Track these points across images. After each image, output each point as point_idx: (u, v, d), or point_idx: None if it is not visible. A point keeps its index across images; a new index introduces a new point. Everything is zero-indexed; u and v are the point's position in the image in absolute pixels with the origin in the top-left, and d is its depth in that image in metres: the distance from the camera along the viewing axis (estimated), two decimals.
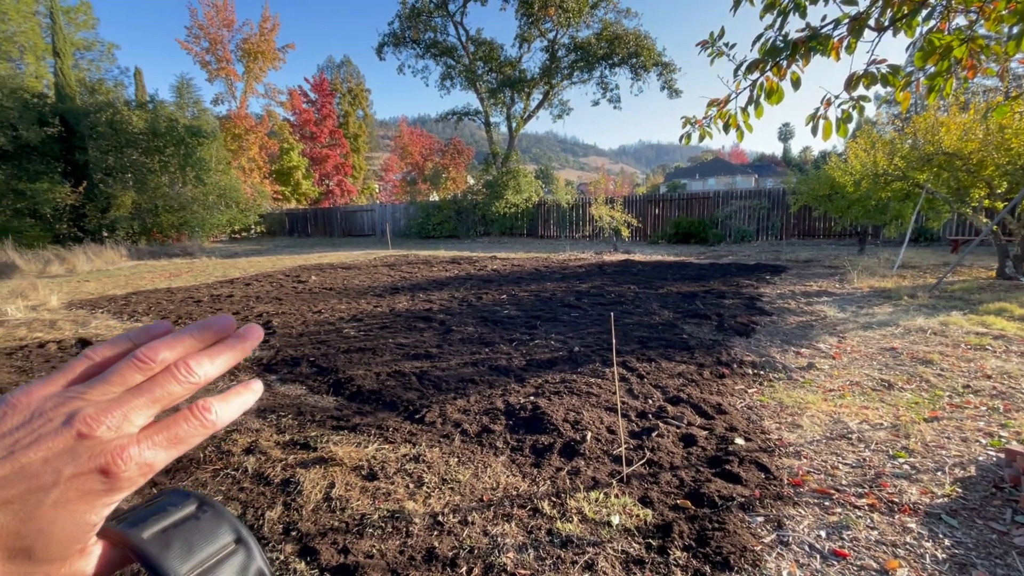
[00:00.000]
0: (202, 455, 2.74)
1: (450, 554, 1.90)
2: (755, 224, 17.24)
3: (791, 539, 1.96)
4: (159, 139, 17.80)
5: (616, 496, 2.25)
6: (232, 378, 4.02)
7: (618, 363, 4.01)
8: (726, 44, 2.58)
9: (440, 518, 2.13)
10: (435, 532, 2.04)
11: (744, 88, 2.57)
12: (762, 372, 3.85)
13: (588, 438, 2.75)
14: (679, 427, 2.91)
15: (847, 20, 2.18)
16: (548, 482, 2.39)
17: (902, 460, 2.51)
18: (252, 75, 34.12)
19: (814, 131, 2.46)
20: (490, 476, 2.46)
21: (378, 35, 27.29)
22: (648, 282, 8.28)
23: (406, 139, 45.85)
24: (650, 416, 3.07)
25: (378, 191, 47.05)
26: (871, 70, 2.20)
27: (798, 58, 2.31)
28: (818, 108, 2.44)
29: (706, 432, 2.85)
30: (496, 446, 2.75)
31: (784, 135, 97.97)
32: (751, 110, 2.59)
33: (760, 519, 2.08)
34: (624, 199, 19.35)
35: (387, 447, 2.77)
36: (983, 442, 2.67)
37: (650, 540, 1.97)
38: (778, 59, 2.34)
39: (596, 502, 2.21)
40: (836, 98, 2.36)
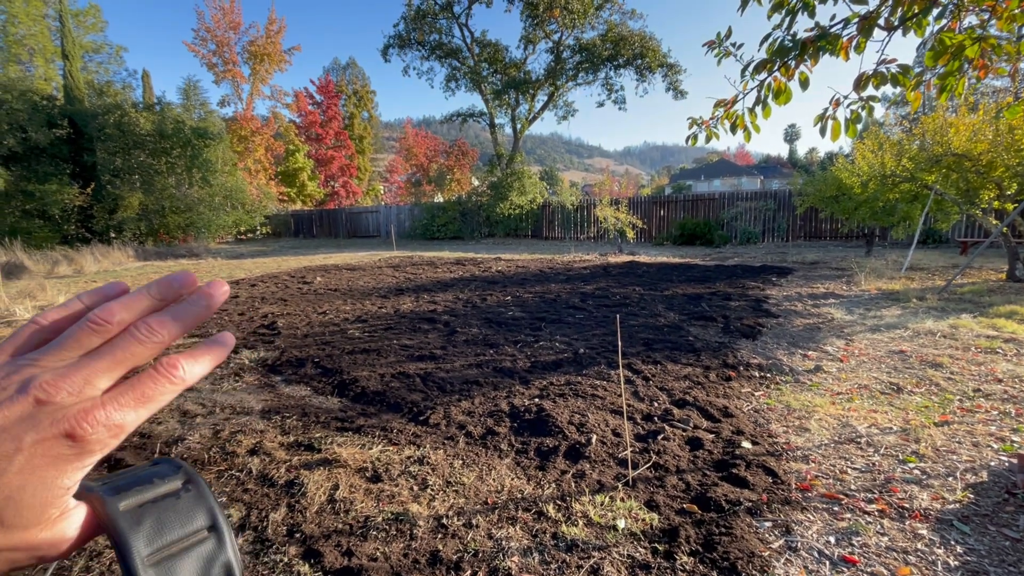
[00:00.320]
0: (206, 456, 2.74)
1: (454, 557, 1.89)
2: (761, 226, 17.16)
3: (800, 545, 1.93)
4: (166, 141, 17.94)
5: (622, 500, 2.23)
6: (237, 378, 4.03)
7: (623, 365, 3.98)
8: (733, 44, 2.56)
9: (444, 521, 2.11)
10: (439, 535, 2.03)
11: (751, 88, 2.55)
12: (769, 375, 3.82)
13: (593, 441, 2.73)
14: (685, 430, 2.88)
15: (857, 19, 2.16)
16: (553, 485, 2.37)
17: (912, 465, 2.48)
18: (258, 77, 34.31)
19: (822, 132, 2.43)
20: (495, 479, 2.44)
21: (383, 37, 27.41)
22: (653, 284, 8.24)
23: (411, 140, 45.97)
24: (656, 419, 3.04)
25: (383, 192, 47.17)
26: (881, 70, 2.18)
27: (807, 58, 2.29)
28: (827, 108, 2.41)
29: (712, 435, 2.82)
30: (501, 448, 2.74)
31: (790, 136, 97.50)
32: (759, 111, 2.56)
33: (768, 524, 2.06)
34: (629, 200, 19.31)
35: (391, 449, 2.76)
36: (995, 447, 2.63)
37: (656, 545, 1.94)
38: (786, 59, 2.32)
39: (601, 506, 2.19)
40: (845, 98, 2.34)
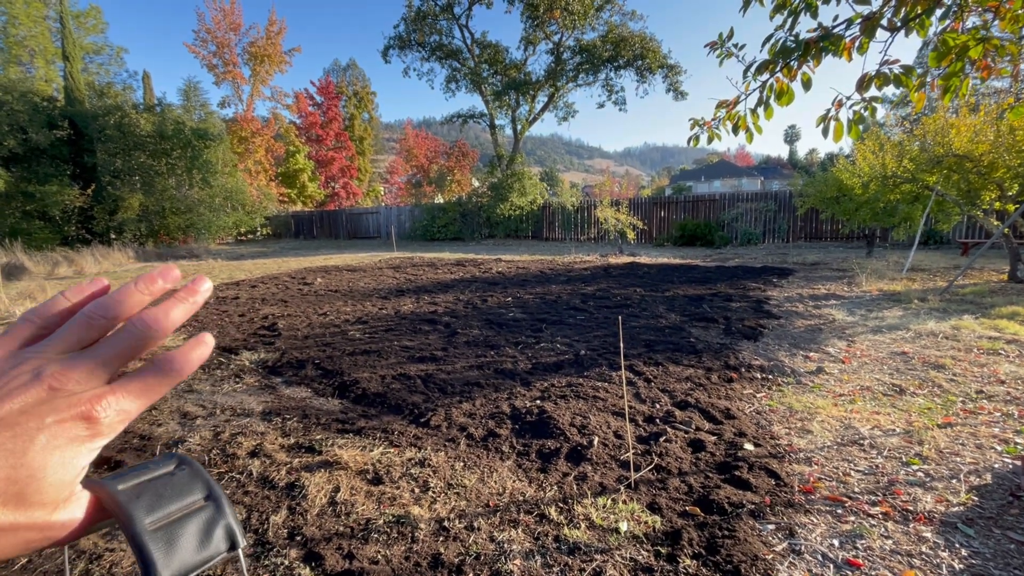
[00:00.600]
0: (207, 458, 2.73)
1: (456, 561, 1.88)
2: (761, 227, 17.15)
3: (803, 548, 1.92)
4: (166, 142, 17.95)
5: (624, 502, 2.22)
6: (238, 380, 4.02)
7: (625, 367, 3.97)
8: (735, 45, 2.56)
9: (446, 524, 2.10)
10: (441, 538, 2.02)
11: (754, 89, 2.54)
12: (771, 376, 3.81)
13: (595, 443, 2.72)
14: (687, 432, 2.87)
15: (859, 20, 2.15)
16: (555, 487, 2.36)
17: (916, 467, 2.47)
18: (258, 78, 34.34)
19: (825, 132, 2.43)
20: (496, 481, 2.43)
21: (384, 38, 27.38)
22: (654, 285, 8.23)
23: (411, 141, 46.00)
24: (658, 421, 3.03)
25: (383, 193, 47.18)
26: (884, 70, 2.17)
27: (809, 59, 2.28)
28: (829, 109, 2.40)
29: (715, 437, 2.81)
30: (502, 451, 2.73)
31: (790, 137, 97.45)
32: (761, 111, 2.56)
33: (771, 527, 2.04)
34: (629, 201, 19.29)
35: (392, 451, 2.75)
36: (998, 449, 2.62)
37: (659, 547, 1.93)
38: (789, 60, 2.31)
39: (604, 508, 2.18)
40: (848, 99, 2.33)
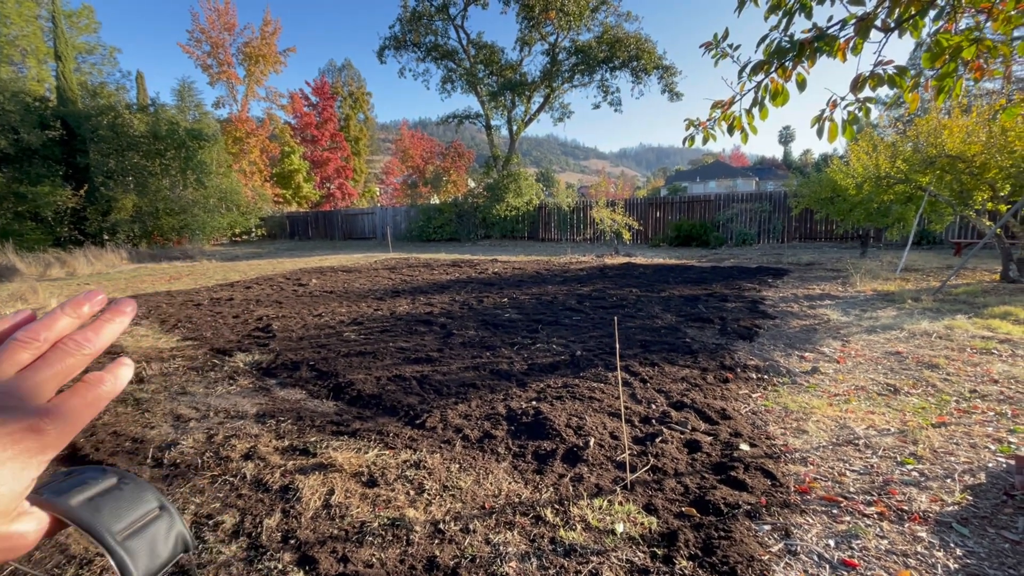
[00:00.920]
0: (200, 461, 2.70)
1: (451, 563, 1.86)
2: (756, 227, 17.22)
3: (799, 548, 1.92)
4: (160, 142, 17.83)
5: (620, 503, 2.21)
6: (231, 382, 3.99)
7: (621, 367, 3.97)
8: (730, 45, 2.55)
9: (441, 526, 2.09)
10: (436, 540, 2.00)
11: (748, 90, 2.54)
12: (766, 376, 3.82)
13: (591, 444, 2.71)
14: (683, 433, 2.87)
15: (854, 20, 2.15)
16: (551, 489, 2.35)
17: (910, 467, 2.47)
18: (253, 78, 34.21)
19: (819, 133, 2.43)
20: (492, 483, 2.42)
21: (379, 38, 27.50)
22: (650, 285, 8.24)
23: (407, 142, 45.92)
24: (654, 421, 3.03)
25: (379, 194, 47.08)
26: (878, 71, 2.17)
27: (804, 59, 2.28)
28: (823, 110, 2.40)
29: (710, 438, 2.81)
30: (498, 452, 2.72)
31: (785, 138, 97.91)
32: (756, 112, 2.56)
33: (767, 527, 2.04)
34: (625, 202, 19.33)
35: (387, 453, 2.74)
36: (992, 448, 2.63)
37: (655, 549, 1.93)
38: (783, 60, 2.31)
39: (600, 510, 2.18)
40: (842, 100, 2.33)
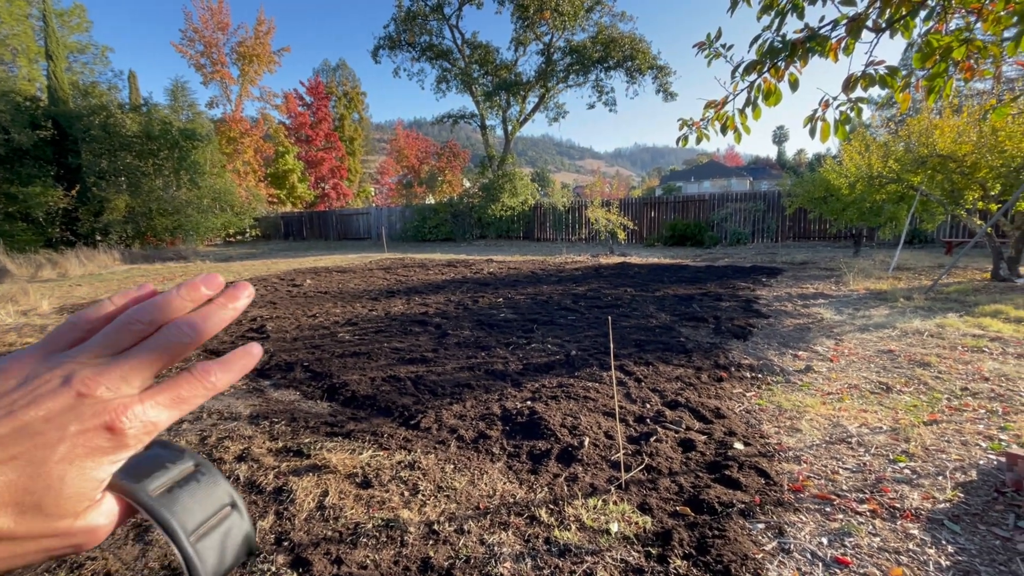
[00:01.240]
0: None
1: (446, 564, 1.86)
2: (750, 226, 17.29)
3: (792, 546, 1.93)
4: (153, 142, 17.70)
5: (615, 503, 2.22)
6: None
7: (615, 367, 3.97)
8: (723, 45, 2.56)
9: (436, 527, 2.09)
10: (430, 541, 2.00)
11: (742, 90, 2.55)
12: (760, 375, 3.83)
13: (586, 444, 2.71)
14: (677, 432, 2.88)
15: (845, 21, 2.17)
16: (545, 489, 2.35)
17: (903, 464, 2.49)
18: (247, 78, 34.01)
19: (812, 133, 2.44)
20: (486, 483, 2.42)
21: (374, 38, 27.31)
22: (644, 285, 8.26)
23: (402, 142, 45.79)
24: (648, 421, 3.04)
25: (374, 194, 46.95)
26: (869, 71, 2.19)
27: (796, 59, 2.29)
28: (816, 110, 2.42)
29: (705, 437, 2.82)
30: (493, 452, 2.71)
31: (779, 138, 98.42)
32: (749, 112, 2.57)
33: (761, 526, 2.05)
34: (620, 202, 19.38)
35: (382, 454, 2.73)
36: (983, 446, 2.65)
37: (649, 548, 1.93)
38: (776, 60, 2.32)
39: (594, 509, 2.18)
40: (834, 100, 2.35)
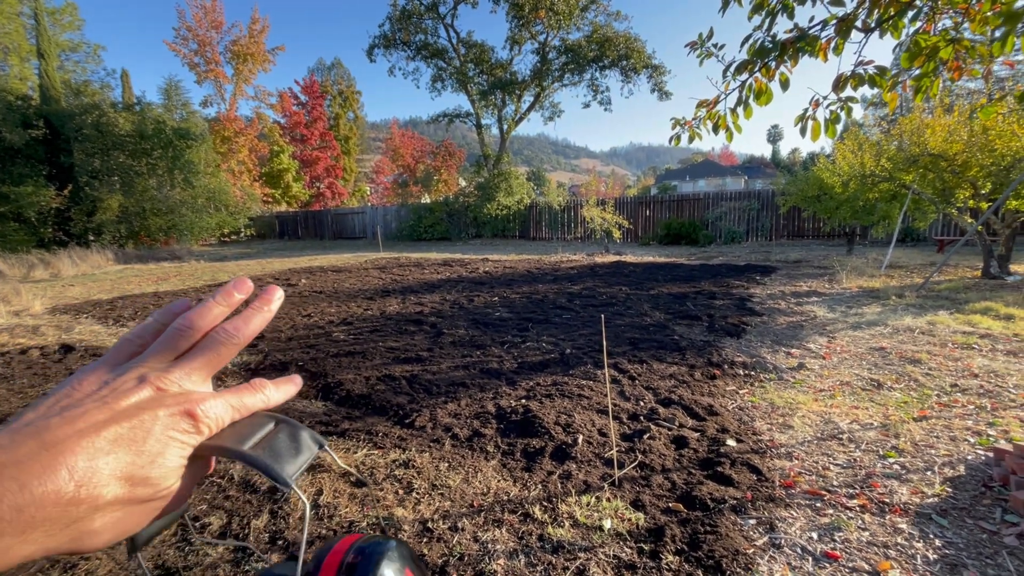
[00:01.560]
0: None
1: (439, 561, 1.87)
2: (745, 225, 17.37)
3: (783, 541, 1.95)
4: (146, 141, 17.60)
5: (608, 500, 2.23)
6: (220, 383, 3.96)
7: (609, 365, 4.00)
8: (715, 45, 2.58)
9: (429, 525, 2.10)
10: (424, 539, 2.01)
11: (733, 89, 2.57)
12: (753, 373, 3.86)
13: (580, 441, 2.72)
14: (671, 429, 2.89)
15: (835, 21, 2.19)
16: (539, 486, 2.36)
17: (892, 460, 2.52)
18: (241, 77, 33.83)
19: (803, 132, 2.46)
20: (481, 481, 2.43)
21: (369, 37, 27.25)
22: (639, 283, 8.29)
23: (397, 141, 45.73)
24: (642, 418, 3.05)
25: (369, 193, 46.83)
26: (859, 71, 2.21)
27: (786, 59, 2.31)
28: (806, 109, 2.44)
29: (698, 434, 2.84)
30: (487, 450, 2.72)
31: (773, 137, 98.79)
32: (740, 111, 2.59)
33: (752, 521, 2.07)
34: (615, 201, 19.41)
35: (376, 452, 2.73)
36: (971, 441, 2.69)
37: (642, 544, 1.95)
38: (767, 60, 2.34)
39: (588, 506, 2.19)
40: (824, 99, 2.37)
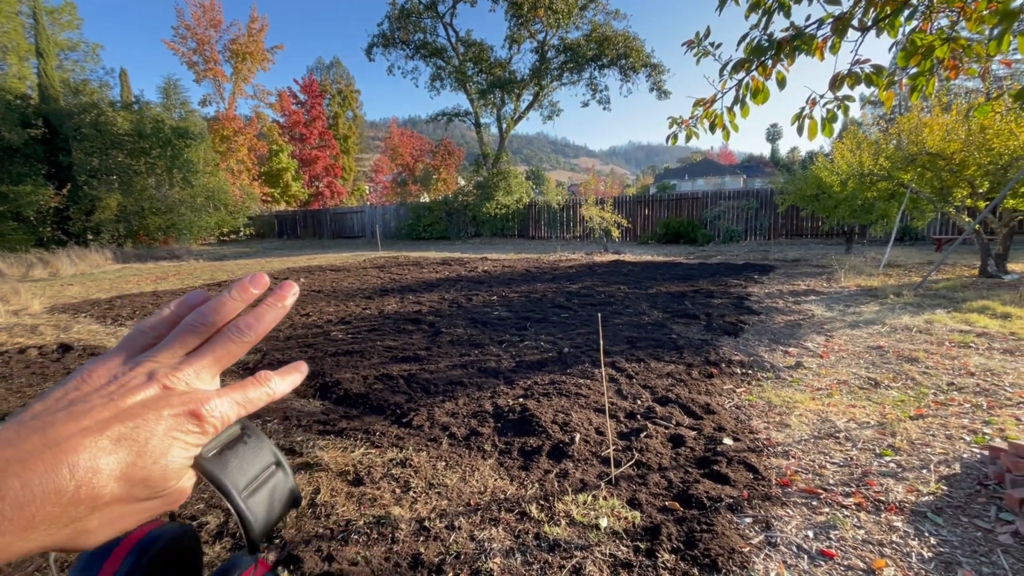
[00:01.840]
0: None
1: (436, 560, 1.87)
2: (743, 224, 17.38)
3: (779, 540, 1.95)
4: (145, 140, 17.59)
5: (604, 498, 2.24)
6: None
7: (607, 364, 4.00)
8: (712, 44, 2.58)
9: (427, 523, 2.10)
10: (421, 538, 2.01)
11: (730, 88, 2.57)
12: (750, 371, 3.86)
13: (577, 440, 2.73)
14: (668, 428, 2.90)
15: (831, 20, 2.19)
16: (536, 485, 2.37)
17: (888, 458, 2.52)
18: (240, 76, 33.77)
19: (800, 131, 2.46)
20: (478, 480, 2.43)
21: (368, 36, 27.32)
22: (638, 282, 8.29)
23: (396, 140, 45.71)
24: (639, 417, 3.06)
25: (368, 193, 46.81)
26: (855, 70, 2.21)
27: (783, 57, 2.31)
28: (803, 108, 2.44)
29: (695, 432, 2.84)
30: (484, 449, 2.73)
31: (772, 136, 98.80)
32: (737, 110, 2.59)
33: (748, 520, 2.08)
34: (614, 200, 19.41)
35: (374, 452, 2.73)
36: (967, 439, 2.69)
37: (638, 543, 1.95)
38: (763, 58, 2.34)
39: (584, 505, 2.19)
40: (821, 98, 2.37)
